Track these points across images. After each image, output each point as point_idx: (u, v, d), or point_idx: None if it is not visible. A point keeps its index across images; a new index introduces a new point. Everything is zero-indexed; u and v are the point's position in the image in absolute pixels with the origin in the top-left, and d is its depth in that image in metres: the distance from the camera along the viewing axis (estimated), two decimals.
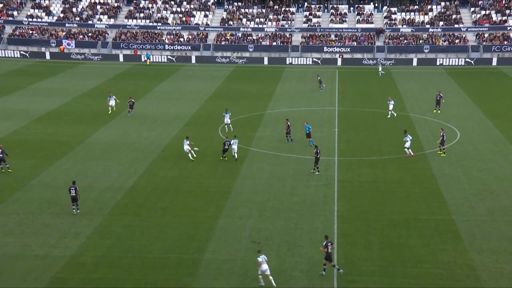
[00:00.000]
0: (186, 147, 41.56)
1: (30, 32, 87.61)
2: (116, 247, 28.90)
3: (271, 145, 45.16)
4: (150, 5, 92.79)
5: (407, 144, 42.04)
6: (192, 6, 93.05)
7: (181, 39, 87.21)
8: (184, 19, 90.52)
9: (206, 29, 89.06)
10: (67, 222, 31.55)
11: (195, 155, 41.47)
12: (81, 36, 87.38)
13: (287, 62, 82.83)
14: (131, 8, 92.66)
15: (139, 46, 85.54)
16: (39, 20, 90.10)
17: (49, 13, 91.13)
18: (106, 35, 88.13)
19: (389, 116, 53.15)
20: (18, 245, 29.01)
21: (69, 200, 33.33)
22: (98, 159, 41.53)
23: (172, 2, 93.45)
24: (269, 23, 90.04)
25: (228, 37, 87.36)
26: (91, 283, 25.86)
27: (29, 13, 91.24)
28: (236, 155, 41.25)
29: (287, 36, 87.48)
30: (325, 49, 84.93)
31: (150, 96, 61.80)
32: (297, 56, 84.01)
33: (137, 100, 59.25)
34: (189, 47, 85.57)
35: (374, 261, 27.82)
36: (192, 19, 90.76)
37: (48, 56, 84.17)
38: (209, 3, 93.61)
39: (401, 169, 39.96)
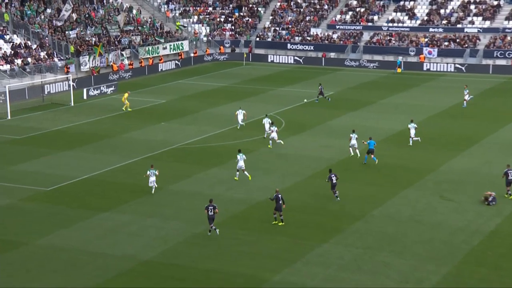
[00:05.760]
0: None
1: (388, 38, 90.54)
2: None
3: None
4: None
5: None
6: None
7: None
8: None
9: None
10: (409, 264, 31.48)
11: None
12: (446, 43, 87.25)
13: None
14: None
15: None
16: (399, 24, 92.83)
17: (412, 16, 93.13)
18: (478, 41, 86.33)
19: None
20: (354, 281, 29.81)
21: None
22: (448, 192, 41.18)
23: None
24: None
25: None
26: None
27: (390, 17, 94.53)
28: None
29: None
30: None
31: None
32: None
33: None
34: None
35: None
36: None
37: (403, 67, 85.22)
38: None
39: None
